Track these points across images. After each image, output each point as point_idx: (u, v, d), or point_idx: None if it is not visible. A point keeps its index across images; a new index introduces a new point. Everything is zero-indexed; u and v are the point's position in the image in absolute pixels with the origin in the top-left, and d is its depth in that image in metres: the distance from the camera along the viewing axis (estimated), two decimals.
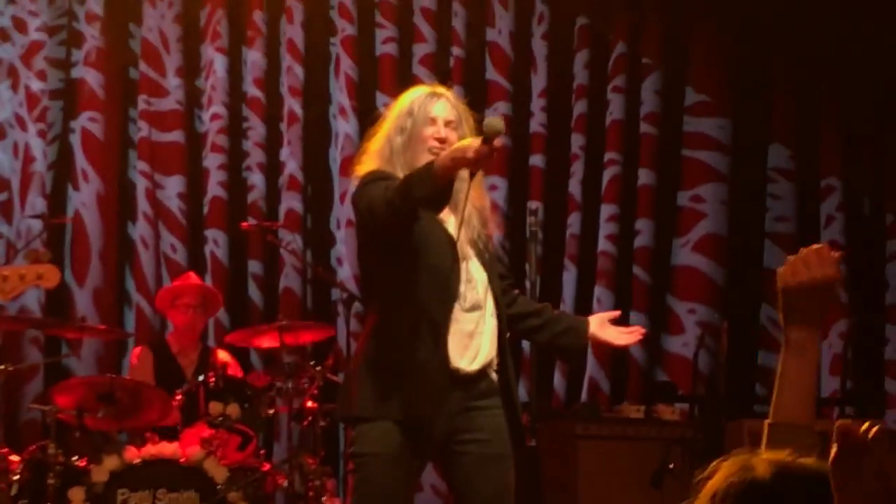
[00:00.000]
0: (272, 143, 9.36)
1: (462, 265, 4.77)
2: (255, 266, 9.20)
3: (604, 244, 9.49)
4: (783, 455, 2.10)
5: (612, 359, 9.32)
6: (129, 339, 8.83)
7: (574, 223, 9.51)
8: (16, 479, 6.99)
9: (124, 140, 9.32)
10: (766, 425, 2.52)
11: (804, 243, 2.62)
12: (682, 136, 9.63)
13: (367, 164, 4.89)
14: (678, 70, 9.69)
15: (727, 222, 9.57)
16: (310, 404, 7.58)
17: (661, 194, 9.57)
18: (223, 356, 8.06)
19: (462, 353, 4.73)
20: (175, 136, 9.24)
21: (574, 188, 9.54)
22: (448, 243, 4.75)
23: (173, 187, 9.21)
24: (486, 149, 4.34)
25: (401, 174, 4.70)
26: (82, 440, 7.25)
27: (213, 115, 9.24)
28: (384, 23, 9.48)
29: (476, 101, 9.17)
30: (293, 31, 9.38)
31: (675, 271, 9.56)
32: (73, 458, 7.07)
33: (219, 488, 7.11)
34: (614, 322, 5.16)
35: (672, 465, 7.45)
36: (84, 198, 9.07)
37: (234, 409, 7.40)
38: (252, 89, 9.34)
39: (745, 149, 9.69)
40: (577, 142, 9.57)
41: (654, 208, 9.54)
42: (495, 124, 4.39)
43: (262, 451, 7.71)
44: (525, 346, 8.40)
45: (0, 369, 7.32)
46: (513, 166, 9.52)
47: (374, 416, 4.70)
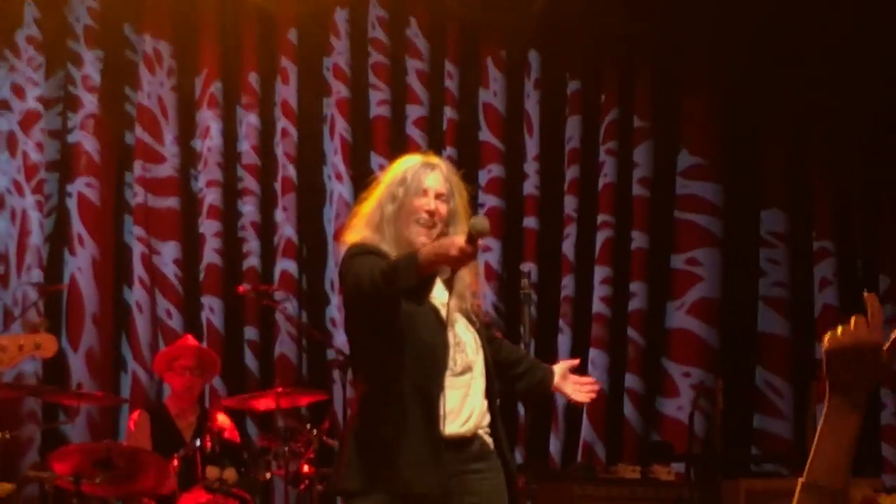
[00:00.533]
0: (267, 204, 9.40)
1: (449, 332, 4.74)
2: (250, 332, 9.21)
3: (598, 306, 9.52)
4: None
5: (607, 422, 9.34)
6: (124, 404, 8.83)
7: (568, 285, 9.54)
8: None
9: (120, 205, 9.34)
10: (800, 483, 2.50)
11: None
12: (676, 198, 9.68)
13: (357, 230, 4.88)
14: (671, 133, 9.77)
15: (721, 285, 9.61)
16: (306, 469, 7.57)
17: (654, 257, 9.61)
18: (222, 420, 8.05)
19: (454, 417, 4.69)
20: (171, 203, 9.28)
21: (568, 250, 9.58)
22: (434, 312, 4.76)
23: (169, 253, 9.23)
24: (470, 248, 4.31)
25: (389, 245, 4.72)
26: None
27: (209, 179, 9.28)
28: (378, 84, 9.55)
29: (469, 162, 9.36)
30: (287, 93, 9.45)
31: (669, 334, 9.59)
32: None
33: None
34: (574, 370, 5.16)
35: None
36: (80, 263, 9.07)
37: (230, 474, 7.39)
38: (247, 151, 9.39)
39: (739, 212, 9.74)
40: (570, 204, 9.62)
41: (648, 271, 9.57)
42: (481, 224, 4.35)
43: None
44: (520, 409, 8.41)
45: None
46: (507, 228, 9.57)
47: (366, 489, 4.66)
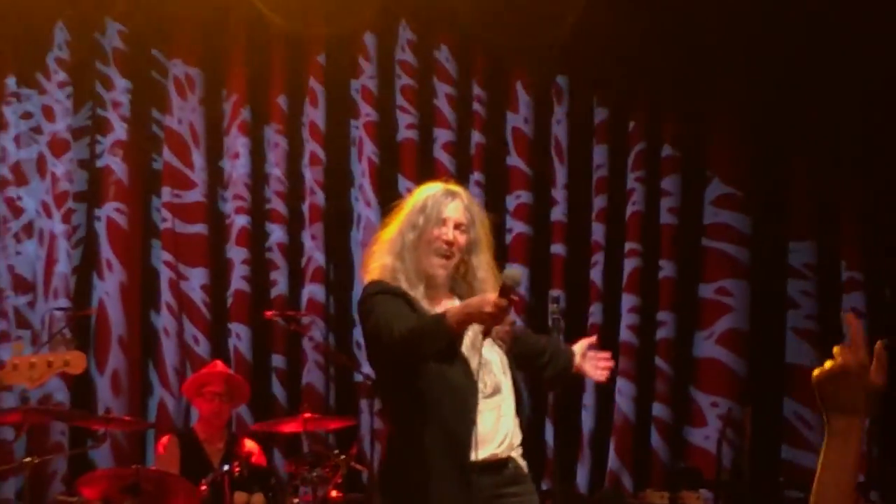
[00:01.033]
0: (294, 227, 9.42)
1: (475, 358, 4.68)
2: (277, 360, 9.22)
3: (626, 335, 9.49)
4: None
5: (634, 450, 9.31)
6: (151, 429, 8.85)
7: (596, 313, 9.52)
8: None
9: (148, 230, 9.39)
10: None
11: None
12: (704, 227, 9.64)
13: (378, 256, 4.86)
14: (699, 162, 9.72)
15: (750, 316, 9.57)
16: (334, 494, 7.57)
17: (682, 286, 9.58)
18: (249, 445, 8.08)
19: (489, 440, 4.67)
20: (199, 228, 9.30)
21: (596, 277, 9.57)
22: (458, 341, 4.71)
23: (197, 279, 9.25)
24: (504, 303, 4.32)
25: (409, 273, 4.72)
26: None
27: (237, 205, 9.30)
28: (406, 107, 9.56)
29: (498, 187, 9.35)
30: (315, 115, 9.47)
31: (697, 363, 9.54)
32: None
33: None
34: (594, 347, 5.19)
35: None
36: (108, 287, 9.11)
37: (259, 499, 7.39)
38: (275, 173, 9.41)
39: (767, 242, 9.69)
40: (598, 231, 9.60)
41: (676, 300, 9.55)
42: (515, 276, 4.39)
43: None
44: (548, 439, 8.38)
45: (26, 461, 7.35)
46: (534, 254, 9.56)
47: None
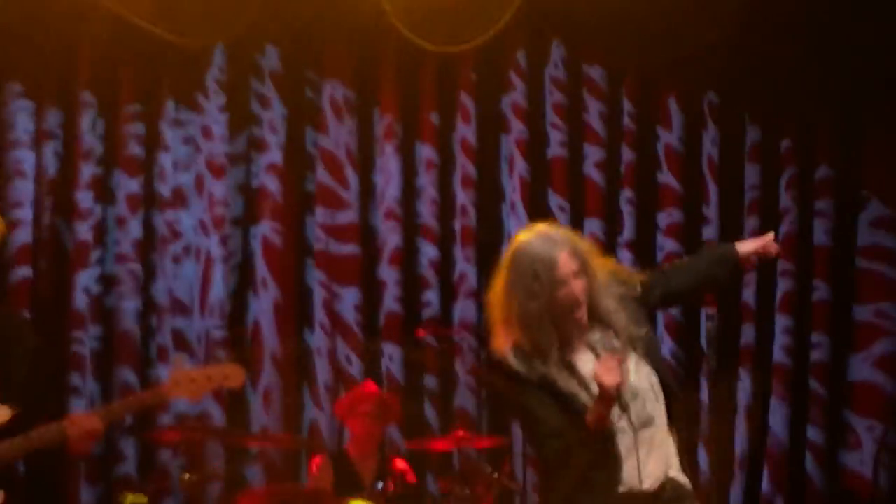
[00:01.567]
0: (445, 243, 9.45)
1: (626, 393, 4.70)
2: (429, 382, 9.24)
3: (779, 356, 9.35)
4: None
5: (787, 474, 9.19)
6: (304, 448, 8.92)
7: (748, 333, 9.40)
8: None
9: (302, 248, 9.46)
10: None
11: None
12: (860, 249, 9.46)
13: (503, 331, 4.81)
14: (855, 182, 9.54)
15: None
16: None
17: (837, 308, 9.41)
18: (401, 464, 8.12)
19: (644, 475, 4.69)
20: (352, 249, 9.36)
21: (748, 298, 9.45)
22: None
23: (350, 299, 9.31)
24: (615, 382, 4.49)
25: (541, 345, 4.71)
26: None
27: (389, 224, 9.36)
28: (557, 122, 9.51)
29: (649, 204, 9.28)
30: (467, 131, 9.48)
31: (852, 386, 9.38)
32: None
33: None
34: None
35: None
36: (263, 305, 9.21)
37: None
38: (426, 189, 9.45)
39: None
40: None
41: (830, 322, 9.38)
42: (609, 345, 4.57)
43: None
44: (701, 463, 8.29)
45: (184, 479, 7.45)
46: None
47: None
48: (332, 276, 9.31)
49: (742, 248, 5.13)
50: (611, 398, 4.50)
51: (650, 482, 4.70)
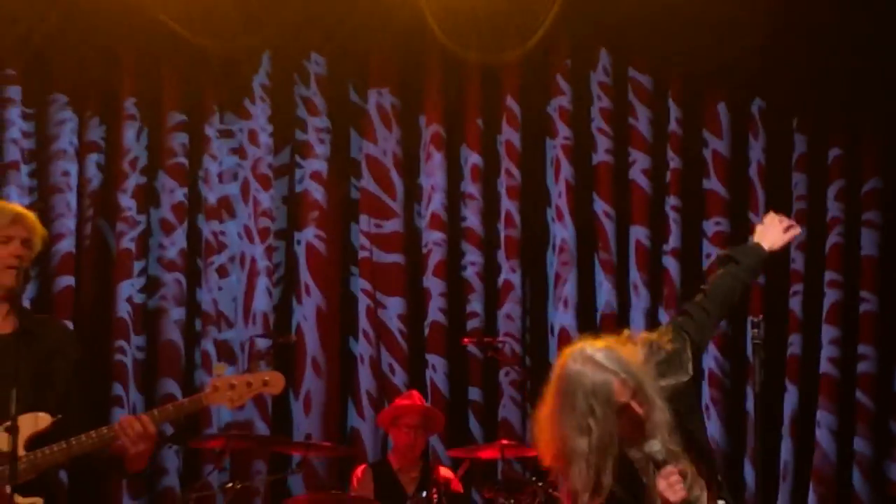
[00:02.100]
0: (489, 247, 9.41)
1: None
2: (474, 393, 9.20)
3: (826, 367, 9.28)
4: None
5: (834, 486, 9.11)
6: (346, 456, 8.90)
7: (795, 343, 9.34)
8: None
9: (346, 257, 9.44)
10: None
11: None
12: None
13: (566, 466, 4.62)
14: None
15: None
16: None
17: (884, 319, 9.34)
18: (445, 472, 8.10)
19: None
20: (396, 258, 9.33)
21: (795, 307, 9.37)
22: None
23: (394, 308, 9.29)
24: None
25: (599, 467, 4.55)
26: None
27: (433, 223, 9.33)
28: (604, 128, 9.47)
29: (694, 211, 9.20)
30: (512, 134, 9.44)
31: None
32: None
33: None
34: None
35: None
36: (305, 311, 9.20)
37: None
38: (471, 193, 9.41)
39: None
40: (798, 261, 9.42)
41: (878, 333, 9.31)
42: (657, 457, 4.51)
43: None
44: (747, 477, 8.21)
45: (227, 487, 7.45)
46: None
47: None
48: (377, 286, 9.29)
49: (772, 245, 5.18)
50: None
51: None
